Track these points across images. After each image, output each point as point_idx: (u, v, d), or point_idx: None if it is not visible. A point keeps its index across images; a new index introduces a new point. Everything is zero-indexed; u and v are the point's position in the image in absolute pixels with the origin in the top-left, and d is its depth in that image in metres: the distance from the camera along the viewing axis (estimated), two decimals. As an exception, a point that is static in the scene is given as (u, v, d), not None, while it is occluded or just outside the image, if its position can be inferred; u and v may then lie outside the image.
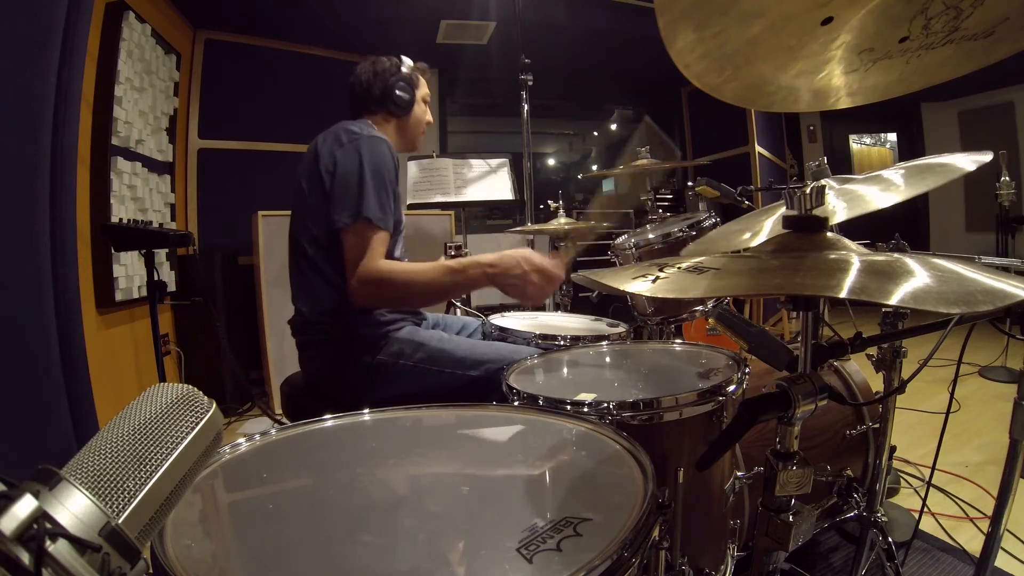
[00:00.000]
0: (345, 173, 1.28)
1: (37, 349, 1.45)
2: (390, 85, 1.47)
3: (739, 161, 4.42)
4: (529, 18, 3.04)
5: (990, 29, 0.63)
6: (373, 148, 1.31)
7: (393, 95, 1.47)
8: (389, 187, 1.31)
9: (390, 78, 1.47)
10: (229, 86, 3.47)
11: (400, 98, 1.49)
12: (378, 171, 1.28)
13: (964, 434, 2.31)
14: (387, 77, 1.48)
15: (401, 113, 1.52)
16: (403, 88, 1.49)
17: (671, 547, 0.86)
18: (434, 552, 0.54)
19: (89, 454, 0.38)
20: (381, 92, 1.48)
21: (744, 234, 1.08)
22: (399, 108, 1.50)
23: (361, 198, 1.25)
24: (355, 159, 1.28)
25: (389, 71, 1.48)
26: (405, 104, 1.51)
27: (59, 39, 1.51)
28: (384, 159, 1.31)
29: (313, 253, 1.33)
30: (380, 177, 1.29)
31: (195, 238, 3.21)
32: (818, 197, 0.72)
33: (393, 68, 1.49)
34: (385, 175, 1.30)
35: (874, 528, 1.24)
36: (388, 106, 1.49)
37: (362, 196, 1.25)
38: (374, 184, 1.27)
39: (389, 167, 1.32)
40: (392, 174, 1.33)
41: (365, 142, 1.31)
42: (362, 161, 1.28)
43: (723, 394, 0.91)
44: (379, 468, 0.73)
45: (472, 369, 1.29)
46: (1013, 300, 0.49)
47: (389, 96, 1.48)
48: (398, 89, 1.48)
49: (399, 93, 1.48)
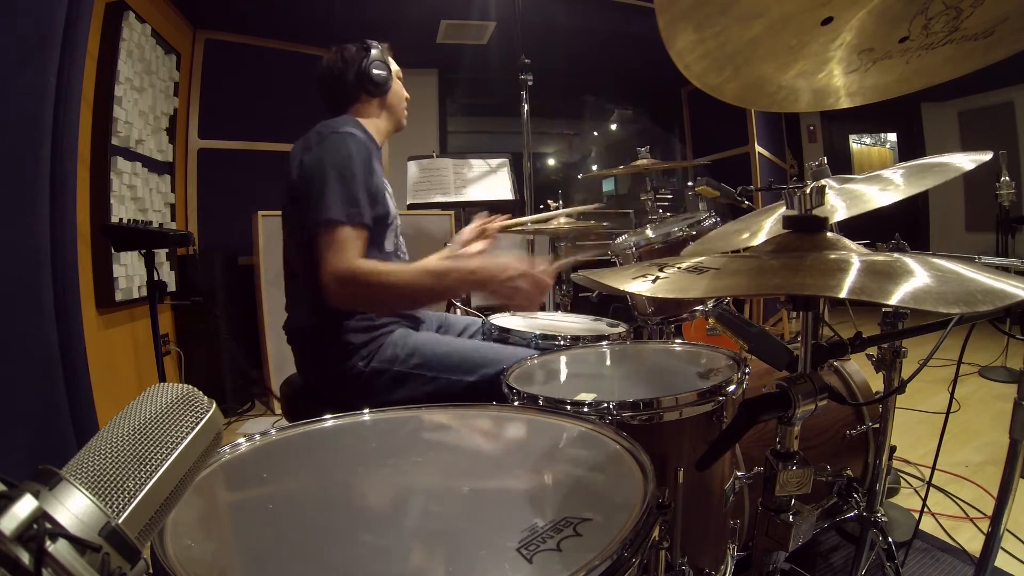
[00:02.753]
0: (310, 177, 1.25)
1: (37, 349, 1.45)
2: (364, 67, 1.44)
3: (739, 161, 4.42)
4: (529, 18, 3.03)
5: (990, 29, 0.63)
6: (337, 145, 1.27)
7: (371, 75, 1.44)
8: (359, 180, 1.26)
9: (363, 61, 1.45)
10: (229, 86, 3.47)
11: (378, 76, 1.45)
12: (342, 168, 1.25)
13: (964, 434, 2.30)
14: (360, 60, 1.45)
15: (381, 92, 1.48)
16: (379, 66, 1.46)
17: (671, 547, 0.86)
18: (434, 552, 0.54)
19: (89, 454, 0.38)
20: (356, 76, 1.45)
21: (743, 234, 1.08)
22: (378, 87, 1.47)
23: (323, 200, 1.21)
24: (318, 161, 1.26)
25: (359, 55, 1.46)
26: (384, 81, 1.47)
27: (59, 39, 1.51)
28: (347, 155, 1.27)
29: (297, 258, 1.31)
30: (346, 173, 1.24)
31: (195, 238, 3.21)
32: (818, 197, 0.72)
33: (362, 51, 1.47)
34: (354, 169, 1.26)
35: (874, 528, 1.24)
36: (368, 88, 1.46)
37: (323, 198, 1.21)
38: (338, 182, 1.23)
39: (356, 160, 1.27)
40: (361, 166, 1.28)
41: (329, 141, 1.28)
42: (323, 162, 1.25)
43: (723, 394, 0.90)
44: (379, 468, 0.73)
45: (469, 375, 1.27)
46: (1013, 300, 0.49)
47: (367, 77, 1.44)
48: (374, 68, 1.45)
49: (376, 72, 1.45)
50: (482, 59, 4.16)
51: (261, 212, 2.93)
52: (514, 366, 1.16)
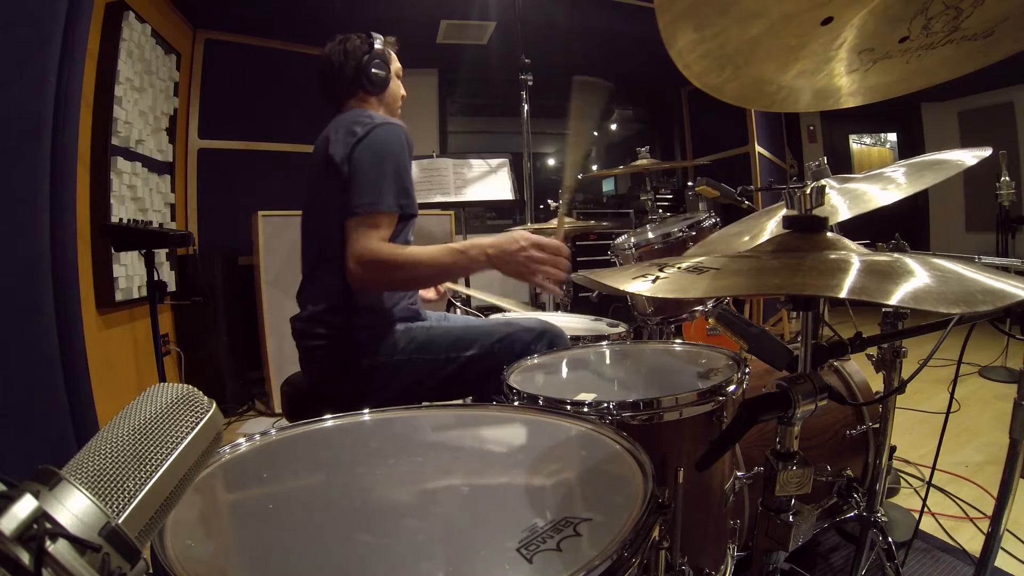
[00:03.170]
0: (363, 164, 1.25)
1: (37, 349, 1.45)
2: (364, 63, 1.42)
3: (739, 161, 4.42)
4: (529, 18, 3.04)
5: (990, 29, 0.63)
6: (390, 136, 1.29)
7: (368, 73, 1.42)
8: (406, 175, 1.29)
9: (363, 56, 1.42)
10: (229, 86, 3.47)
11: (376, 75, 1.43)
12: (397, 160, 1.27)
13: (964, 434, 2.30)
14: (360, 56, 1.42)
15: (378, 91, 1.46)
16: (378, 65, 1.43)
17: (671, 547, 0.86)
18: (434, 552, 0.54)
19: (89, 454, 0.38)
20: (355, 71, 1.42)
21: (744, 237, 1.08)
22: (375, 86, 1.44)
23: (379, 190, 1.22)
24: (373, 149, 1.26)
25: (361, 49, 1.43)
26: (381, 81, 1.45)
27: (59, 39, 1.51)
28: (401, 146, 1.29)
29: (326, 249, 1.30)
30: (398, 166, 1.27)
31: (195, 238, 3.21)
32: (818, 197, 0.72)
33: (365, 46, 1.43)
34: (402, 163, 1.28)
35: (874, 528, 1.24)
36: (364, 84, 1.43)
37: (380, 188, 1.23)
38: (394, 175, 1.25)
39: (406, 153, 1.30)
40: (407, 160, 1.31)
41: (381, 131, 1.29)
42: (380, 151, 1.26)
43: (723, 394, 0.90)
44: (379, 468, 0.73)
45: (467, 349, 1.28)
46: (1013, 300, 0.49)
47: (364, 74, 1.42)
48: (373, 67, 1.42)
49: (375, 71, 1.42)
50: (482, 59, 4.16)
51: (261, 212, 2.93)
52: (514, 365, 1.16)
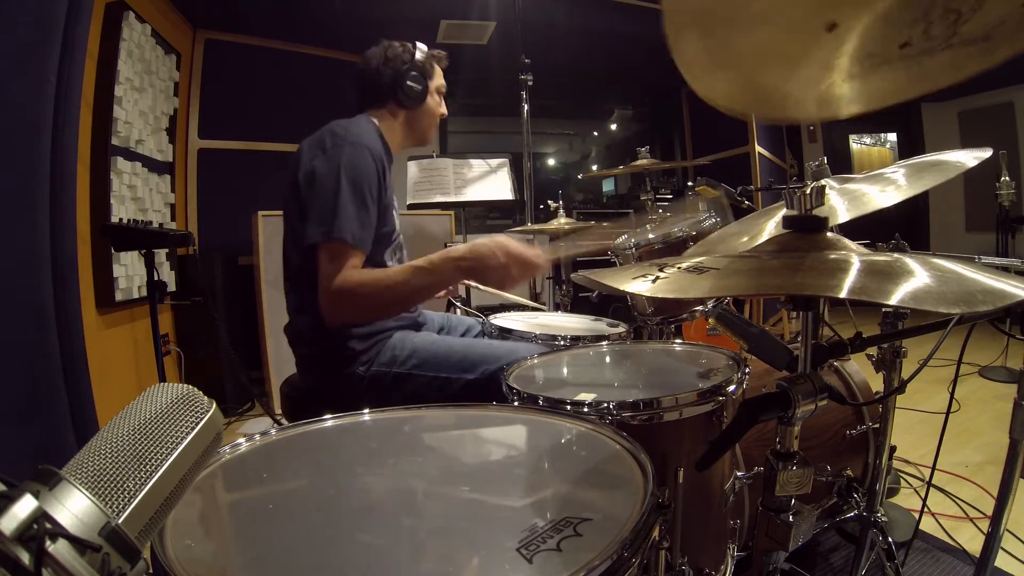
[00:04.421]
0: (322, 185, 1.19)
1: (37, 349, 1.45)
2: (401, 74, 1.37)
3: (739, 161, 4.41)
4: (529, 18, 3.03)
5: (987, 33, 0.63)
6: (353, 157, 1.21)
7: (403, 85, 1.37)
8: (370, 200, 1.22)
9: (402, 66, 1.37)
10: (229, 86, 3.47)
11: (411, 89, 1.38)
12: (357, 183, 1.19)
13: (964, 434, 2.30)
14: (398, 65, 1.37)
15: (412, 105, 1.41)
16: (415, 79, 1.38)
17: (671, 547, 0.86)
18: (434, 552, 0.54)
19: (89, 454, 0.38)
20: (391, 81, 1.37)
21: (743, 237, 1.08)
22: (409, 99, 1.39)
23: (335, 215, 1.16)
24: (333, 169, 1.19)
25: (401, 58, 1.38)
26: (416, 95, 1.39)
27: (59, 39, 1.51)
28: (365, 169, 1.22)
29: (298, 263, 1.27)
30: (360, 190, 1.20)
31: (195, 238, 3.20)
32: (818, 197, 0.72)
33: (406, 56, 1.39)
34: (365, 187, 1.21)
35: (874, 528, 1.24)
36: (398, 96, 1.38)
37: (336, 212, 1.16)
38: (353, 199, 1.18)
39: (371, 177, 1.23)
40: (374, 185, 1.24)
41: (347, 150, 1.22)
42: (340, 172, 1.18)
43: (723, 394, 0.90)
44: (379, 468, 0.73)
45: (468, 372, 1.26)
46: (1013, 300, 0.49)
47: (399, 86, 1.37)
48: (409, 80, 1.37)
49: (410, 84, 1.37)
50: (482, 59, 4.16)
51: (261, 212, 2.93)
52: (514, 366, 1.15)
